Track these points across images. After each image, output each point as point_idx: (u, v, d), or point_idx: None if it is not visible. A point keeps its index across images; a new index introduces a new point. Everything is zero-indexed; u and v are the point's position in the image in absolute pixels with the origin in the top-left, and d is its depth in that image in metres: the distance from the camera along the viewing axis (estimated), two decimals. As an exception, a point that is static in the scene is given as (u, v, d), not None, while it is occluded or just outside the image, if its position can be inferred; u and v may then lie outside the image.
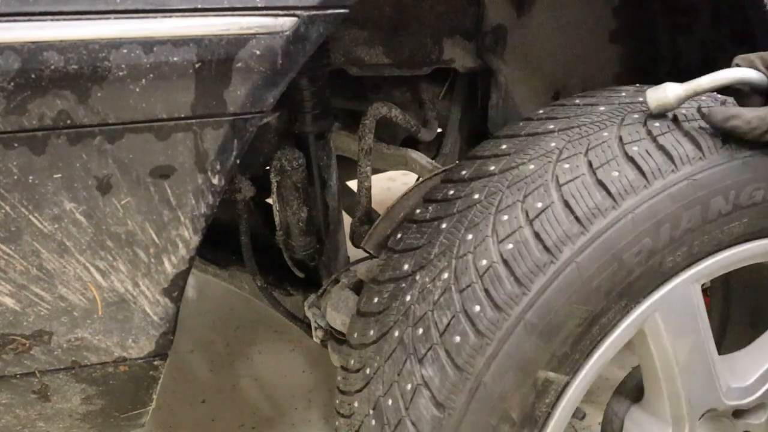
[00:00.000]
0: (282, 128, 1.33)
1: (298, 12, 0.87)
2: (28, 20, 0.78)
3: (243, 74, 0.86)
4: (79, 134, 0.83)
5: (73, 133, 0.82)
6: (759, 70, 0.99)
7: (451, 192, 1.11)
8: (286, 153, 1.26)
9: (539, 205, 0.98)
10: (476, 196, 1.05)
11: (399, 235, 1.14)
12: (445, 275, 1.01)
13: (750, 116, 0.97)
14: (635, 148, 1.00)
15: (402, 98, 1.57)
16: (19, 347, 0.91)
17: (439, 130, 1.63)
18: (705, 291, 1.20)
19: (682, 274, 1.01)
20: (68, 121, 0.81)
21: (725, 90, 1.04)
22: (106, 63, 0.81)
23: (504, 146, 1.11)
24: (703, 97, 1.07)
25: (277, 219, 1.34)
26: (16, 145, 0.81)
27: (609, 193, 0.97)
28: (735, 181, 1.00)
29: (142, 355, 0.97)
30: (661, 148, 0.99)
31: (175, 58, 0.83)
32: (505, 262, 0.96)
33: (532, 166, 1.04)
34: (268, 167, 1.32)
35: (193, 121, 0.86)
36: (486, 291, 0.96)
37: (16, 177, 0.82)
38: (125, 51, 0.81)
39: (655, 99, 1.00)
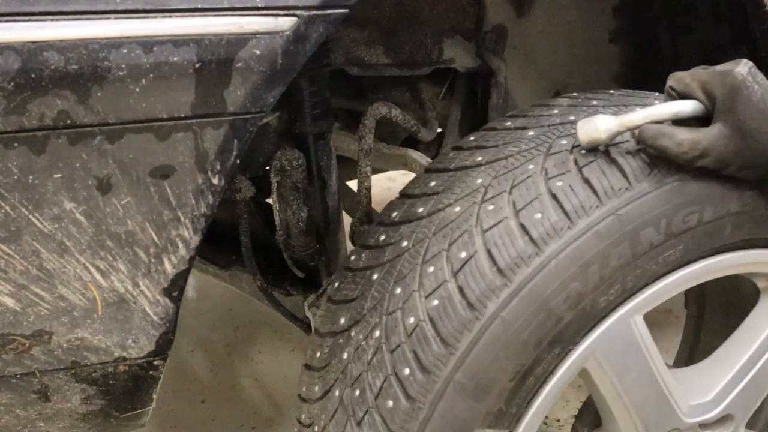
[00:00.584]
0: (282, 128, 1.32)
1: (298, 12, 0.87)
2: (28, 20, 0.78)
3: (243, 74, 0.86)
4: (79, 134, 0.83)
5: (73, 133, 0.82)
6: (695, 97, 0.93)
7: (382, 237, 1.06)
8: (286, 153, 1.26)
9: (463, 255, 0.94)
10: (404, 244, 1.01)
11: (336, 284, 1.10)
12: (377, 333, 0.98)
13: (682, 138, 0.91)
14: (559, 184, 0.95)
15: (402, 98, 1.57)
16: (19, 347, 0.91)
17: (439, 130, 1.63)
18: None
19: (618, 311, 0.98)
20: (68, 121, 0.81)
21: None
22: (106, 63, 0.80)
23: (433, 183, 1.06)
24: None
25: (277, 219, 1.34)
26: (16, 145, 0.81)
27: (531, 238, 0.92)
28: (665, 209, 0.95)
29: (142, 355, 0.97)
30: (586, 181, 0.94)
31: (175, 58, 0.83)
32: (432, 321, 0.93)
33: (457, 209, 0.99)
34: (268, 167, 1.31)
35: (193, 121, 0.86)
36: (414, 352, 0.93)
37: (16, 177, 0.82)
38: (125, 51, 0.81)
39: (586, 134, 0.94)
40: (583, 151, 0.97)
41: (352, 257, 1.11)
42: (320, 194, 1.37)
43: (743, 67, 0.91)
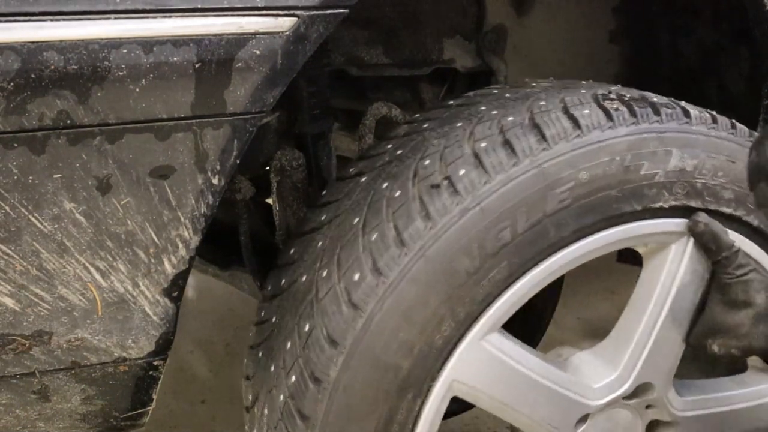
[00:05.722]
0: (282, 128, 1.32)
1: (298, 12, 0.87)
2: (28, 20, 0.78)
3: (243, 74, 0.86)
4: (79, 134, 0.83)
5: (73, 133, 0.82)
6: None
7: (263, 314, 1.11)
8: (286, 153, 1.26)
9: (306, 328, 0.97)
10: (274, 320, 1.05)
11: (245, 361, 1.16)
12: (265, 411, 1.03)
13: None
14: (374, 236, 0.96)
15: (402, 98, 1.57)
16: (19, 347, 0.91)
17: (439, 130, 1.63)
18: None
19: (462, 340, 0.98)
20: (68, 121, 0.81)
21: None
22: (106, 63, 0.80)
23: (292, 251, 1.08)
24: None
25: (277, 219, 1.34)
26: (16, 145, 0.81)
27: (352, 302, 0.94)
28: (473, 234, 0.95)
29: (142, 355, 0.97)
30: (396, 228, 0.95)
31: (175, 58, 0.83)
32: (292, 397, 0.97)
33: (304, 278, 1.01)
34: (268, 167, 1.32)
35: (193, 121, 0.86)
36: (286, 428, 0.98)
37: (16, 177, 0.82)
38: (125, 51, 0.81)
39: None
40: (397, 193, 0.97)
41: (251, 334, 1.16)
42: (320, 194, 1.37)
43: None
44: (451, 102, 1.15)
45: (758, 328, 1.04)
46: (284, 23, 0.86)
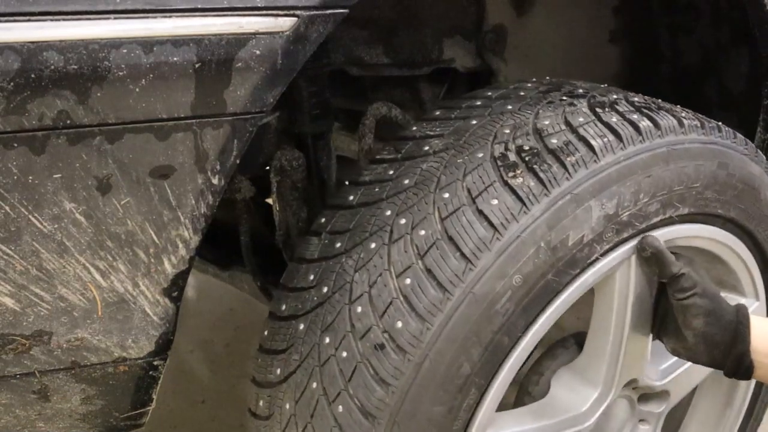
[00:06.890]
0: (282, 128, 1.33)
1: (298, 12, 0.87)
2: (28, 20, 0.78)
3: (243, 74, 0.86)
4: (79, 134, 0.83)
5: (73, 133, 0.82)
6: None
7: (311, 277, 1.10)
8: (286, 153, 1.26)
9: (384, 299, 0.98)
10: (325, 290, 1.05)
11: (265, 332, 1.15)
12: (313, 385, 1.02)
13: None
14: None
15: (402, 98, 1.57)
16: (19, 347, 0.91)
17: (439, 130, 1.62)
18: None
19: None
20: (68, 121, 0.81)
21: None
22: (106, 63, 0.80)
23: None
24: None
25: (277, 219, 1.34)
26: (16, 145, 0.81)
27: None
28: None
29: (142, 355, 0.97)
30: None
31: (175, 58, 0.83)
32: (368, 365, 0.96)
33: (372, 245, 1.01)
34: (268, 167, 1.32)
35: (193, 121, 0.86)
36: (357, 399, 0.97)
37: (16, 177, 0.82)
38: (125, 51, 0.81)
39: None
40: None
41: (276, 300, 1.13)
42: (320, 194, 1.37)
43: None
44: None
45: (698, 347, 1.06)
46: (284, 23, 0.86)
